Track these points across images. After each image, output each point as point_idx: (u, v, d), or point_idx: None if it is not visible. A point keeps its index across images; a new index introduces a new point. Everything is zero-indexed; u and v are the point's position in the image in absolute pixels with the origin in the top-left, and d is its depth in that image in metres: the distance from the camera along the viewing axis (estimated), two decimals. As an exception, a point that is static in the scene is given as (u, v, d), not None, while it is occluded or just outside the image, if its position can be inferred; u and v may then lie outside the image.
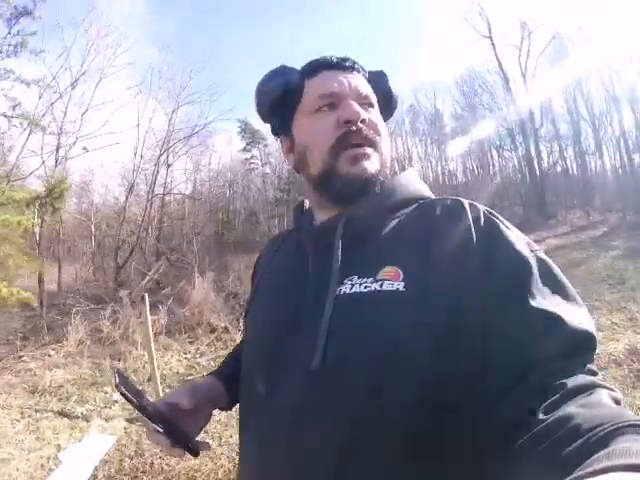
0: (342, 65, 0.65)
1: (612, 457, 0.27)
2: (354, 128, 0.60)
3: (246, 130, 18.88)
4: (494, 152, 21.31)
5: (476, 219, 0.54)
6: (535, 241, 0.55)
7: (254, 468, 0.58)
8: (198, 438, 0.66)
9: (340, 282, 0.54)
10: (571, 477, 0.26)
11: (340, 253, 0.57)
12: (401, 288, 0.50)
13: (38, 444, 3.26)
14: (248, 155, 19.51)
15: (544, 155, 18.22)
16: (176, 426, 0.62)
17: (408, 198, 0.62)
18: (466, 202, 0.58)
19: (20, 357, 4.99)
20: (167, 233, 12.05)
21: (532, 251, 0.52)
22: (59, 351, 5.12)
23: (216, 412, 0.75)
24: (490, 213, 0.56)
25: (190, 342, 5.38)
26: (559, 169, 19.29)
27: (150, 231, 10.70)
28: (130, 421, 3.61)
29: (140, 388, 0.62)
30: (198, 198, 14.10)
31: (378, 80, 0.68)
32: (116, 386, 0.57)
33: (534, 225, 12.33)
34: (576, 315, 0.47)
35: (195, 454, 0.62)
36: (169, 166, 11.33)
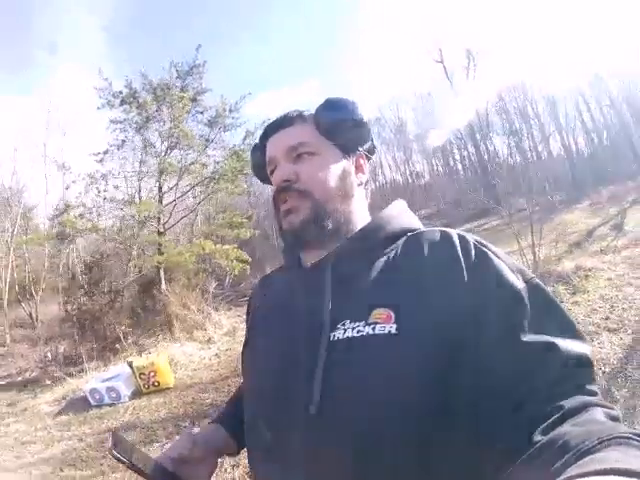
0: (282, 124, 0.68)
1: (584, 466, 0.28)
2: (280, 188, 0.65)
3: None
4: (455, 152, 23.44)
5: (466, 253, 0.54)
6: (483, 224, 1.64)
7: None
8: None
9: (333, 327, 0.55)
10: None
11: (331, 298, 0.57)
12: (393, 331, 0.51)
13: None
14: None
15: (503, 149, 20.88)
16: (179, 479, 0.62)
17: (395, 232, 0.63)
18: (455, 234, 0.58)
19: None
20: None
21: (526, 280, 0.51)
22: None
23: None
24: (480, 244, 0.56)
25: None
26: (511, 161, 21.82)
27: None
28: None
29: (138, 447, 0.64)
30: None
31: (328, 114, 0.66)
32: (110, 450, 0.56)
33: (485, 212, 14.79)
34: (569, 341, 0.47)
35: None
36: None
